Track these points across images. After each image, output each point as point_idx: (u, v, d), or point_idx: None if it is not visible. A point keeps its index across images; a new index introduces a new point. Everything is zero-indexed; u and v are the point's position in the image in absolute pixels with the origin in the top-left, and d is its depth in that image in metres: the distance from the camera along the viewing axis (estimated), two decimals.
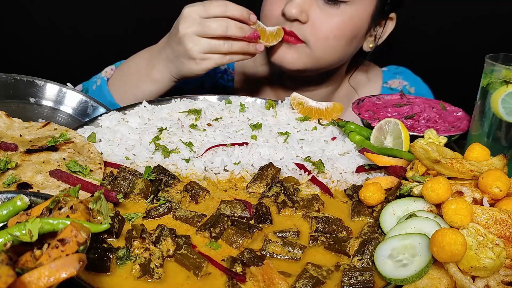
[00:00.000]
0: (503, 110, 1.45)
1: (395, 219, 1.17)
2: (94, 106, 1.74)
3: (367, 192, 1.27)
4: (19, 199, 1.00)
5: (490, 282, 0.99)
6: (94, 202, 0.98)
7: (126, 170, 1.33)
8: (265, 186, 1.33)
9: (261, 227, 1.17)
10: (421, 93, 2.33)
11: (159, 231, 1.08)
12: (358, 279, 1.00)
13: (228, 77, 2.33)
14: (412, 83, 2.36)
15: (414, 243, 1.04)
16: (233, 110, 1.73)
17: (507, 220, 1.08)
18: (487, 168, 1.20)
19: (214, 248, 1.10)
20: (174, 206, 1.22)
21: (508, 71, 1.44)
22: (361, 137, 1.56)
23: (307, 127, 1.67)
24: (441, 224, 1.09)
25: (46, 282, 0.76)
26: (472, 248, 0.99)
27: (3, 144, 1.33)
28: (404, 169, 1.34)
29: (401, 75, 2.38)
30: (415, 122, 1.71)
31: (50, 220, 0.89)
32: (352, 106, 1.80)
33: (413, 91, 2.34)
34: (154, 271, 0.99)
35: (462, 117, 1.76)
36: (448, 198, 1.13)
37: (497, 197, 1.14)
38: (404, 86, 2.33)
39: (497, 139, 1.50)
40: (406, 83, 2.35)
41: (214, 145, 1.49)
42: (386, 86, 2.34)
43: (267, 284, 0.97)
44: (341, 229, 1.18)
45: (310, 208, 1.26)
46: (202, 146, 1.50)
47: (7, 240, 0.85)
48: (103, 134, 1.51)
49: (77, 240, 0.82)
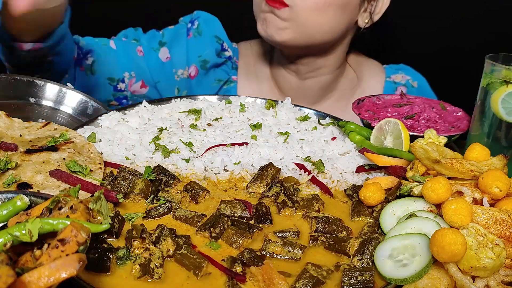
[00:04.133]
0: (503, 110, 1.45)
1: (395, 219, 1.17)
2: (94, 106, 1.74)
3: (367, 192, 1.27)
4: (19, 199, 1.00)
5: (490, 282, 0.99)
6: (94, 202, 0.97)
7: (126, 170, 1.33)
8: (265, 186, 1.33)
9: (261, 227, 1.17)
10: (424, 87, 2.33)
11: (159, 231, 1.08)
12: (358, 279, 1.00)
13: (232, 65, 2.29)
14: (415, 78, 2.35)
15: (414, 243, 1.04)
16: (233, 110, 1.73)
17: (507, 220, 1.08)
18: (487, 168, 1.20)
19: (214, 248, 1.10)
20: (174, 206, 1.22)
21: (508, 71, 1.44)
22: (361, 137, 1.56)
23: (307, 127, 1.67)
24: (441, 224, 1.09)
25: (46, 282, 0.76)
26: (472, 248, 0.99)
27: (3, 144, 1.33)
28: (404, 169, 1.34)
29: (403, 70, 2.37)
30: (415, 122, 1.71)
31: (50, 220, 0.89)
32: (352, 106, 1.80)
33: (416, 85, 2.32)
34: (154, 271, 0.99)
35: (462, 117, 1.76)
36: (448, 198, 1.13)
37: (497, 197, 1.14)
38: (407, 80, 2.32)
39: (497, 139, 1.50)
40: (408, 78, 2.34)
41: (214, 145, 1.48)
42: (389, 80, 2.32)
43: (267, 284, 0.97)
44: (341, 229, 1.18)
45: (310, 208, 1.26)
46: (202, 146, 1.50)
47: (7, 240, 0.85)
48: (103, 134, 1.51)
49: (77, 240, 0.82)
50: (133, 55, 2.15)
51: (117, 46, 2.14)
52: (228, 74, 2.25)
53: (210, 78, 2.23)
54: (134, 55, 2.15)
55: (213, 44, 2.17)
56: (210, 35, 2.17)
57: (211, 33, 2.17)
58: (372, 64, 2.38)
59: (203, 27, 2.17)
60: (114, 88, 2.16)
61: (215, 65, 2.21)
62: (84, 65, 2.06)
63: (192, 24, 2.19)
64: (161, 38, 2.18)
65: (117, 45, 2.14)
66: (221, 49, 2.20)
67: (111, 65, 2.12)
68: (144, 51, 2.16)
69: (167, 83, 2.20)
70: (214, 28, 2.19)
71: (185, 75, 2.20)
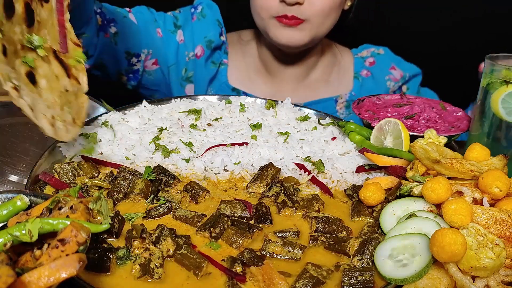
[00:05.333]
0: (503, 110, 1.45)
1: (395, 219, 1.17)
2: (94, 106, 1.74)
3: (367, 192, 1.27)
4: (19, 199, 1.00)
5: (490, 282, 0.99)
6: (94, 202, 0.97)
7: (126, 170, 1.33)
8: (265, 186, 1.33)
9: (261, 227, 1.17)
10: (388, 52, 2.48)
11: (159, 231, 1.08)
12: (358, 279, 1.00)
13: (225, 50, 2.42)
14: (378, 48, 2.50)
15: (414, 243, 1.04)
16: (233, 110, 1.73)
17: (507, 220, 1.08)
18: (487, 168, 1.20)
19: (214, 248, 1.10)
20: (174, 206, 1.22)
21: (508, 71, 1.44)
22: (361, 137, 1.56)
23: (307, 127, 1.67)
24: (441, 224, 1.09)
25: (46, 282, 0.76)
26: (472, 248, 0.99)
27: None
28: (404, 169, 1.34)
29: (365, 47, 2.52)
30: (415, 122, 1.71)
31: (50, 220, 0.89)
32: (352, 106, 1.81)
33: (382, 51, 2.47)
34: (154, 271, 0.99)
35: (462, 117, 1.76)
36: (448, 198, 1.13)
37: (497, 197, 1.14)
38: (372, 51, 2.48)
39: (497, 139, 1.50)
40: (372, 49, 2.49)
41: (214, 145, 1.48)
42: (357, 57, 2.48)
43: (267, 284, 0.97)
44: (341, 229, 1.18)
45: (310, 208, 1.26)
46: (202, 146, 1.50)
47: (7, 240, 0.85)
48: (103, 134, 1.51)
49: (77, 240, 0.82)
50: (153, 34, 2.21)
51: (138, 21, 2.17)
52: (221, 57, 2.39)
53: (209, 60, 2.37)
54: (154, 35, 2.22)
55: (216, 27, 2.31)
56: (213, 19, 2.31)
57: (214, 17, 2.31)
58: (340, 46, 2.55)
59: (207, 11, 2.31)
60: (128, 63, 2.19)
61: (217, 47, 2.34)
62: (109, 32, 2.06)
63: (195, 9, 2.32)
64: (176, 21, 2.29)
65: (138, 21, 2.18)
66: (220, 33, 2.34)
67: (132, 40, 2.16)
68: (163, 33, 2.24)
69: (178, 65, 2.31)
70: (216, 13, 2.33)
71: (192, 56, 2.32)
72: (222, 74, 2.38)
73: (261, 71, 2.42)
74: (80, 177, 1.31)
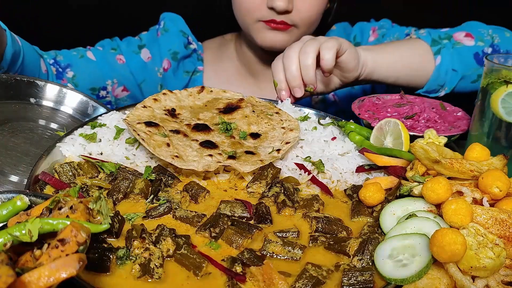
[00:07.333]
0: (503, 110, 1.45)
1: (395, 219, 1.17)
2: (94, 106, 1.75)
3: (367, 192, 1.27)
4: (19, 199, 1.00)
5: (490, 282, 0.99)
6: (94, 202, 0.98)
7: (126, 170, 1.33)
8: (265, 186, 1.33)
9: (261, 227, 1.17)
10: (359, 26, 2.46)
11: (159, 231, 1.08)
12: (358, 279, 1.00)
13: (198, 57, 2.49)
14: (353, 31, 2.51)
15: (414, 243, 1.04)
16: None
17: (507, 220, 1.08)
18: (487, 168, 1.20)
19: (214, 248, 1.10)
20: (174, 206, 1.22)
21: (508, 71, 1.44)
22: (361, 137, 1.56)
23: (307, 127, 1.67)
24: (441, 224, 1.09)
25: (46, 282, 0.76)
26: (472, 248, 0.99)
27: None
28: (404, 169, 1.34)
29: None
30: (415, 122, 1.71)
31: (50, 220, 0.89)
32: (352, 106, 1.81)
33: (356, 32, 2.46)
34: (154, 271, 0.99)
35: (462, 117, 1.76)
36: (448, 198, 1.13)
37: (497, 197, 1.14)
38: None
39: (497, 139, 1.50)
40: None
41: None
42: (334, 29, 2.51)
43: (267, 284, 0.97)
44: (341, 229, 1.18)
45: (310, 208, 1.26)
46: None
47: (7, 240, 0.85)
48: (103, 134, 1.50)
49: (77, 240, 0.82)
50: (113, 64, 2.31)
51: (96, 57, 2.28)
52: (194, 65, 2.45)
53: (180, 70, 2.44)
54: (115, 64, 2.31)
55: (180, 38, 2.38)
56: (176, 31, 2.39)
57: (176, 29, 2.39)
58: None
59: (169, 25, 2.40)
60: (97, 97, 2.29)
61: (184, 57, 2.42)
62: (66, 78, 2.18)
63: (159, 25, 2.42)
64: (139, 42, 2.39)
65: (96, 56, 2.28)
66: (187, 43, 2.42)
67: (93, 76, 2.27)
68: (125, 56, 2.33)
69: (151, 81, 2.39)
70: (179, 25, 2.41)
71: (162, 71, 2.40)
72: (197, 81, 2.45)
73: (242, 73, 2.47)
74: (80, 177, 1.31)
